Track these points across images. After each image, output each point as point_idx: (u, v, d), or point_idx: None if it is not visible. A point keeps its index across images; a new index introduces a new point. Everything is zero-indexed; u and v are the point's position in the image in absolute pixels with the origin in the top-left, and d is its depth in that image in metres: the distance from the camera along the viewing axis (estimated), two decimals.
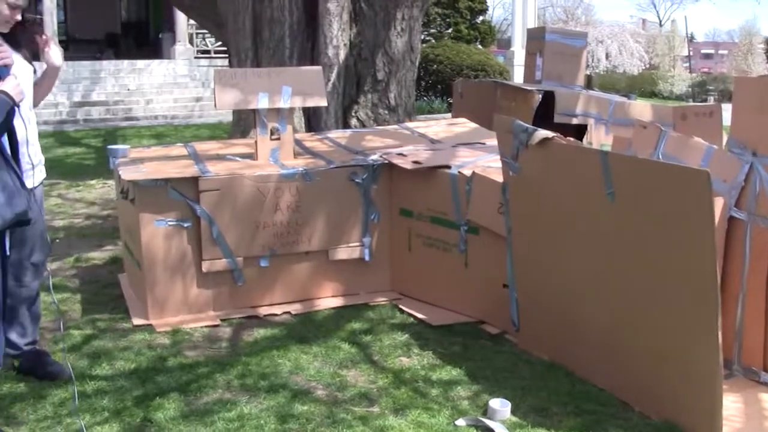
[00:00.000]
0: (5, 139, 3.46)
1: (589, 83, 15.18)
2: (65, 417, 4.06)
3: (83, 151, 14.82)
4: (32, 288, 4.55)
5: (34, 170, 4.26)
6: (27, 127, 4.00)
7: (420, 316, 5.39)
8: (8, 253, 3.59)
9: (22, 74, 3.88)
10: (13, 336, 4.49)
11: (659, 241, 3.86)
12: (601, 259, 4.22)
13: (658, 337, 3.95)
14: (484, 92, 8.94)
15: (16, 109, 3.41)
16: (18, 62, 3.95)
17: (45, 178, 4.59)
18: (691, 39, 42.27)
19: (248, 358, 4.74)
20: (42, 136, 5.99)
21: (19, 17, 4.26)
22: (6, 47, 3.52)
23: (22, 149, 3.75)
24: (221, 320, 5.35)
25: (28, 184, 3.82)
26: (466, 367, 4.60)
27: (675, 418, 3.91)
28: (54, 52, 4.37)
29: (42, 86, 4.48)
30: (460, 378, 4.48)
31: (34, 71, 4.49)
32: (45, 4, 21.60)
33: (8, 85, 3.40)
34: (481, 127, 6.86)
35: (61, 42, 23.84)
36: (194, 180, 5.25)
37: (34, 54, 4.49)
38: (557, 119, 7.87)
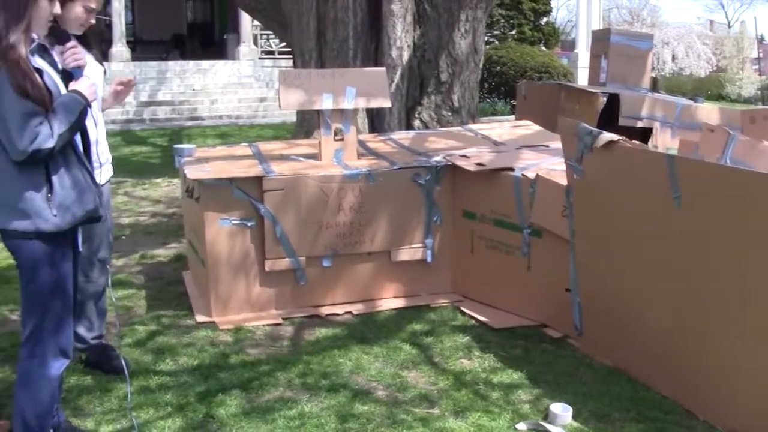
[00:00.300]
0: (78, 137, 3.53)
1: (654, 86, 15.00)
2: (130, 410, 4.13)
3: (149, 149, 15.05)
4: (99, 283, 4.65)
5: (101, 168, 4.35)
6: (96, 126, 4.08)
7: (481, 318, 5.37)
8: (80, 249, 3.66)
9: (93, 74, 3.95)
10: (81, 330, 4.59)
11: (728, 246, 3.80)
12: (666, 263, 4.16)
13: (726, 345, 3.87)
14: (547, 94, 8.87)
15: (89, 108, 3.46)
16: (89, 63, 4.03)
17: (112, 176, 4.68)
18: (761, 40, 41.42)
19: (309, 357, 4.77)
20: (109, 134, 6.09)
21: (93, 20, 4.35)
22: (80, 48, 3.58)
23: (92, 148, 3.82)
24: (283, 319, 5.39)
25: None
26: (528, 371, 4.57)
27: (743, 430, 3.83)
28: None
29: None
30: (522, 382, 4.45)
31: (105, 72, 4.58)
32: (113, 5, 21.99)
33: (82, 85, 3.46)
34: (544, 130, 6.81)
35: (128, 43, 24.22)
36: (258, 180, 5.29)
37: (103, 54, 4.59)
38: (622, 122, 7.77)
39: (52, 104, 3.29)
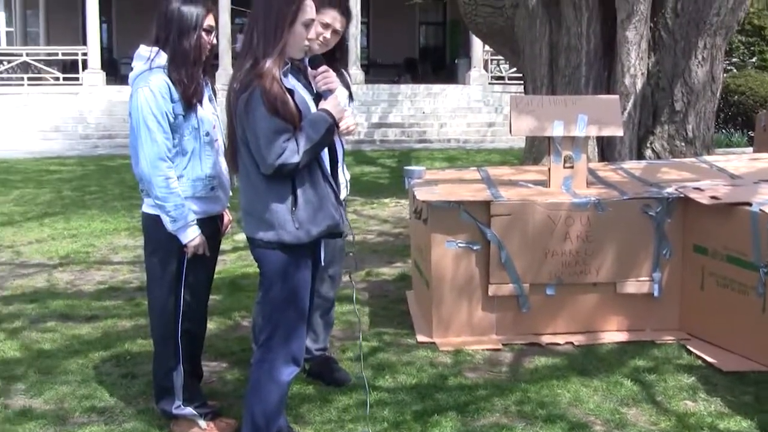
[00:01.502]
0: (326, 155, 3.70)
1: None
2: (348, 422, 4.27)
3: (378, 170, 15.45)
4: (328, 297, 4.83)
5: (340, 187, 4.53)
6: (342, 146, 4.23)
7: (709, 359, 5.15)
8: (322, 263, 3.84)
9: (341, 96, 4.11)
10: (307, 341, 4.76)
11: None
12: None
13: None
14: None
15: (336, 127, 3.62)
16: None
17: (348, 195, 4.86)
18: None
19: (527, 385, 4.74)
20: None
21: (328, 36, 4.56)
22: (331, 73, 3.73)
23: (339, 166, 4.00)
24: (503, 345, 5.38)
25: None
26: (759, 420, 4.30)
27: None
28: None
29: None
30: (750, 430, 4.22)
31: (350, 95, 4.75)
32: (350, 30, 22.73)
33: (329, 104, 3.62)
34: None
35: (362, 66, 24.99)
36: (486, 204, 5.33)
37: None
38: None
39: (300, 122, 3.48)
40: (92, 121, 22.06)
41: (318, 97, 3.70)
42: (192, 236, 4.04)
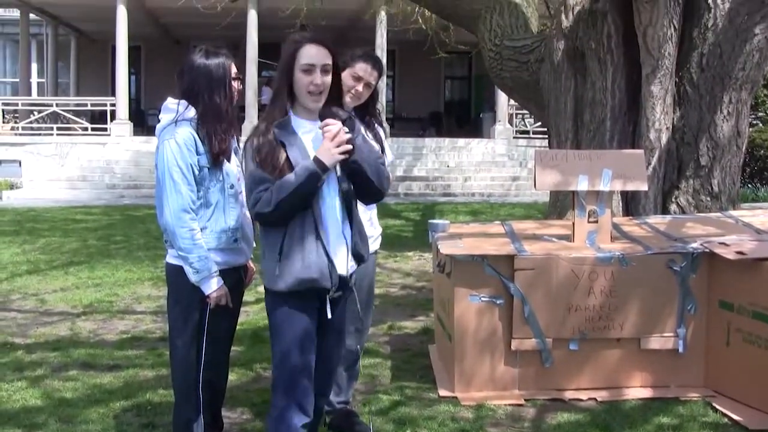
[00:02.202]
0: (338, 204, 3.71)
1: None
2: None
3: (402, 223, 15.47)
4: (352, 350, 4.81)
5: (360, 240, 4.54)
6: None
7: (736, 417, 5.07)
8: (330, 316, 3.80)
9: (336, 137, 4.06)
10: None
11: None
12: None
13: None
14: None
15: (327, 172, 3.62)
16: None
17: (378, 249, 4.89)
18: None
19: None
20: None
21: (361, 88, 4.61)
22: (332, 125, 3.63)
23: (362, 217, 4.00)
24: (525, 400, 5.33)
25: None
26: None
27: None
28: None
29: None
30: None
31: (382, 148, 4.76)
32: None
33: (320, 151, 3.60)
34: None
35: (387, 119, 25.15)
36: (510, 258, 5.31)
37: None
38: None
39: (288, 173, 3.56)
40: (119, 171, 22.29)
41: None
42: (214, 287, 4.06)
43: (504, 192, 21.64)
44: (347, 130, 3.66)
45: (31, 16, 28.19)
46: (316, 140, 3.68)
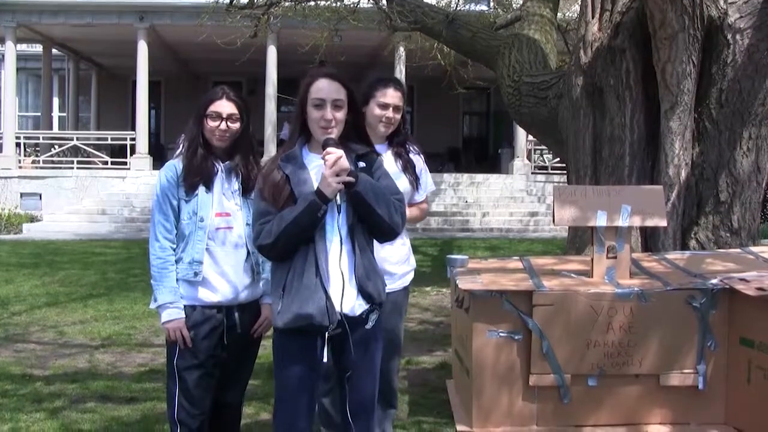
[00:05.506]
0: (347, 239, 3.69)
1: None
2: None
3: (420, 258, 15.38)
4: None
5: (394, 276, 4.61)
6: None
7: None
8: (324, 359, 3.68)
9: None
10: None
11: None
12: None
13: None
14: None
15: (328, 203, 3.58)
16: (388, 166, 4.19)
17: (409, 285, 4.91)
18: None
19: None
20: None
21: (390, 115, 4.64)
22: (332, 153, 3.58)
23: (384, 254, 3.99)
24: None
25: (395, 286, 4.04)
26: None
27: None
28: None
29: None
30: None
31: (417, 180, 4.80)
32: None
33: (322, 182, 3.57)
34: None
35: None
36: (529, 294, 5.29)
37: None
38: None
39: (287, 206, 3.59)
40: (138, 205, 22.40)
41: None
42: (166, 318, 4.07)
43: (522, 227, 21.60)
44: (342, 155, 3.59)
45: (54, 51, 28.53)
46: (319, 173, 3.65)
